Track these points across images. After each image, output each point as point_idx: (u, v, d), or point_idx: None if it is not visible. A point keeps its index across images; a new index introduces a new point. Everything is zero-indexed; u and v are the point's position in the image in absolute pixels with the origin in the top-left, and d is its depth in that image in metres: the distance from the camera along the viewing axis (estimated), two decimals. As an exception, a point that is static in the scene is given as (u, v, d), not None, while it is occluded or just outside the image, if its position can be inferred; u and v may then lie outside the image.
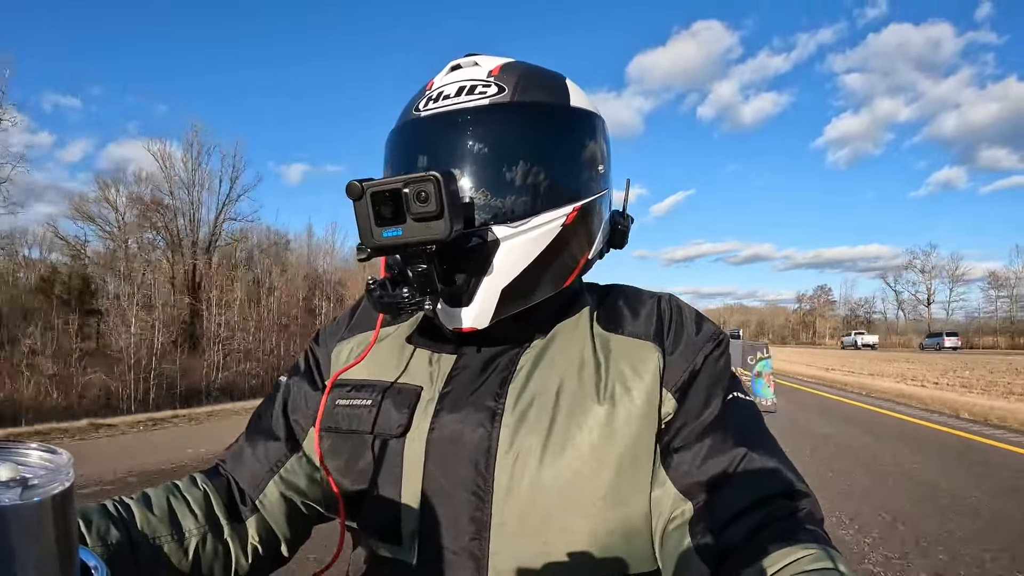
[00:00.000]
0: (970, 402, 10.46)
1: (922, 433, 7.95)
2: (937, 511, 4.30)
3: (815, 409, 10.56)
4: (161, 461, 5.91)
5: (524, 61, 0.67)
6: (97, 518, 0.54)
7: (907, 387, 13.92)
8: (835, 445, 6.93)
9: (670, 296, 0.67)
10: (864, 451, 6.59)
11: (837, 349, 57.49)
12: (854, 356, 35.40)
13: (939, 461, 6.04)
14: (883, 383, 15.37)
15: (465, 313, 0.59)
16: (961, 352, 39.76)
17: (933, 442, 7.22)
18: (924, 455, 6.37)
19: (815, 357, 34.95)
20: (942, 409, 10.20)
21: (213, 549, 0.60)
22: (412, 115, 0.64)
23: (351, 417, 0.62)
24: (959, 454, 6.44)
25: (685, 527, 0.52)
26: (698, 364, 0.59)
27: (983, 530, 3.87)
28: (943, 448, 6.81)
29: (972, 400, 10.82)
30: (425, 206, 0.51)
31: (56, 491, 0.25)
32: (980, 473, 5.50)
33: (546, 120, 0.63)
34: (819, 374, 20.27)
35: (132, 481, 5.06)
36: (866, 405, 11.29)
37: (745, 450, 0.54)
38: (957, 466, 5.79)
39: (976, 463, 5.94)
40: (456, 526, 0.55)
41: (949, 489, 4.91)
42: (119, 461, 5.86)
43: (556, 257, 0.60)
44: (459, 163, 0.59)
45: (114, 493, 0.62)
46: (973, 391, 12.70)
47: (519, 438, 0.56)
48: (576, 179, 0.63)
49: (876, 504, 4.48)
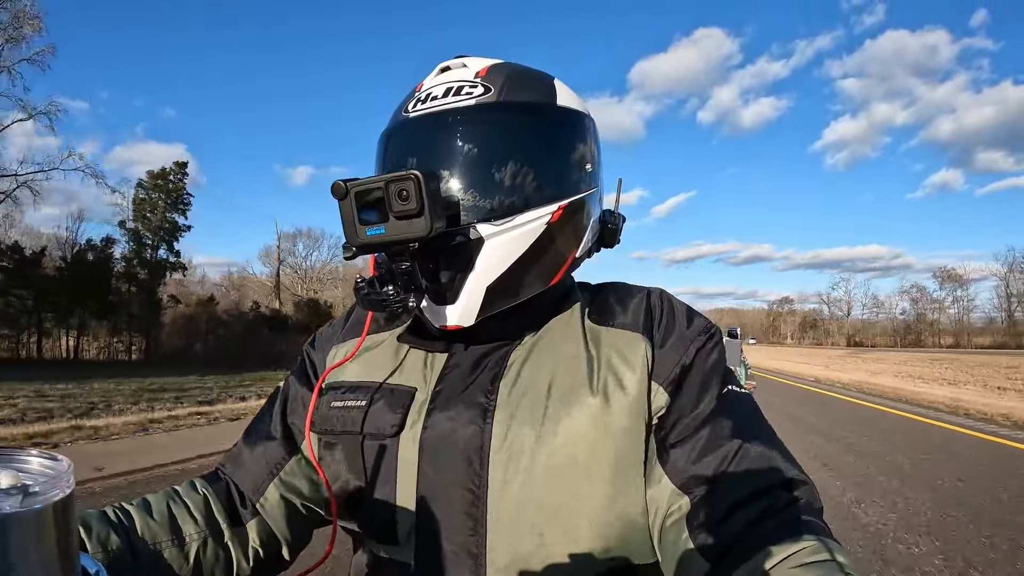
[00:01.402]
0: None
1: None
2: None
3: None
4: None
5: (512, 62, 0.67)
6: (97, 524, 0.54)
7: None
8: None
9: (660, 291, 0.67)
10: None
11: (791, 346, 74.33)
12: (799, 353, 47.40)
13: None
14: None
15: (450, 311, 0.59)
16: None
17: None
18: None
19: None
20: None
21: (214, 553, 0.60)
22: (401, 116, 0.65)
23: (345, 419, 0.62)
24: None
25: (683, 522, 0.52)
26: (690, 358, 0.59)
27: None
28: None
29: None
30: (406, 204, 0.52)
31: (57, 498, 0.25)
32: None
33: (532, 119, 0.63)
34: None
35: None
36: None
37: (740, 442, 0.54)
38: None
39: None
40: (452, 524, 0.56)
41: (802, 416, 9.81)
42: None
43: (542, 255, 0.60)
44: (446, 163, 0.60)
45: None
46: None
47: (511, 434, 0.56)
48: (563, 177, 0.63)
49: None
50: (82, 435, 6.72)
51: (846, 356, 38.76)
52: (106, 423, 7.52)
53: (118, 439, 6.66)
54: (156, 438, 6.91)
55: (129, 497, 0.60)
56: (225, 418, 8.57)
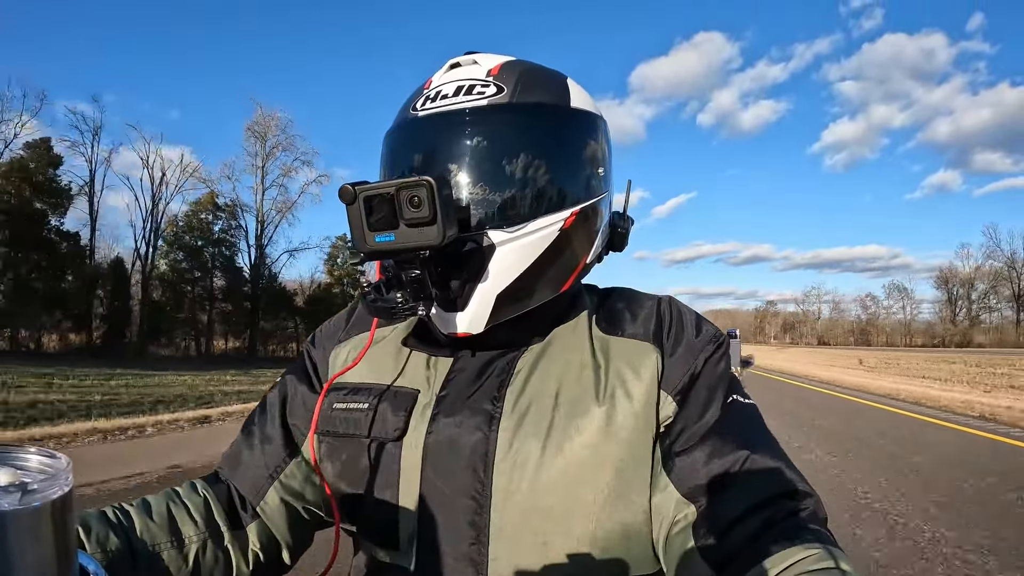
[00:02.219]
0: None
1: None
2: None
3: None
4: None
5: (524, 60, 0.66)
6: (96, 524, 0.53)
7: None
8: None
9: (670, 298, 0.66)
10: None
11: (771, 344, 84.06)
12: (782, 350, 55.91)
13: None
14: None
15: (460, 318, 0.58)
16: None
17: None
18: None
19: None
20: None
21: (213, 556, 0.60)
22: (409, 115, 0.63)
23: (348, 421, 0.61)
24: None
25: (688, 531, 0.52)
26: (698, 367, 0.59)
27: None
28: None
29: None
30: (418, 211, 0.51)
31: (55, 496, 0.25)
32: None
33: (545, 122, 0.62)
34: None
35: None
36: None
37: (747, 452, 0.54)
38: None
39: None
40: (455, 531, 0.55)
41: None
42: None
43: (553, 261, 0.60)
44: (456, 165, 0.59)
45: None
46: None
47: (517, 442, 0.55)
48: (576, 182, 0.62)
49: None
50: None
51: (805, 352, 49.60)
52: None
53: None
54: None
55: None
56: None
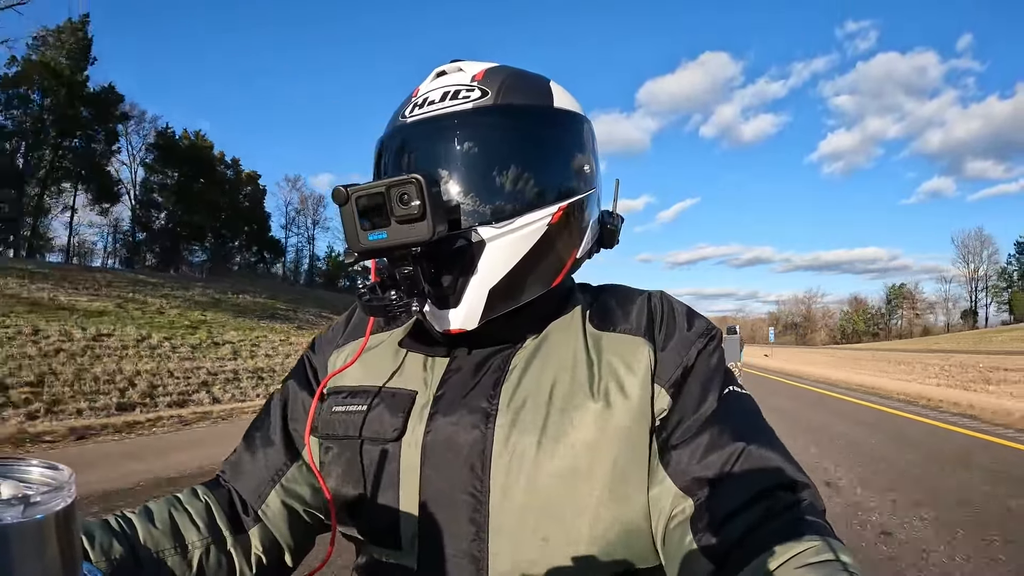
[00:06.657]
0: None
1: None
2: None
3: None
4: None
5: (508, 65, 0.67)
6: (100, 533, 0.54)
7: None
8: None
9: (661, 293, 0.67)
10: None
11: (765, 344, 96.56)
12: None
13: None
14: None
15: (453, 315, 0.59)
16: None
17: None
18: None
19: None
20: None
21: (216, 561, 0.60)
22: (398, 122, 0.65)
23: (347, 423, 0.62)
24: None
25: (687, 524, 0.52)
26: (691, 360, 0.59)
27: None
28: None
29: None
30: (408, 208, 0.52)
31: (59, 507, 0.25)
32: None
33: (529, 122, 0.63)
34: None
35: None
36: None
37: (743, 444, 0.54)
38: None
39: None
40: (455, 529, 0.56)
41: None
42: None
43: (543, 256, 0.61)
44: (445, 167, 0.60)
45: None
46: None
47: (514, 438, 0.56)
48: (561, 179, 0.63)
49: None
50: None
51: (791, 351, 53.33)
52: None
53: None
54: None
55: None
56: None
